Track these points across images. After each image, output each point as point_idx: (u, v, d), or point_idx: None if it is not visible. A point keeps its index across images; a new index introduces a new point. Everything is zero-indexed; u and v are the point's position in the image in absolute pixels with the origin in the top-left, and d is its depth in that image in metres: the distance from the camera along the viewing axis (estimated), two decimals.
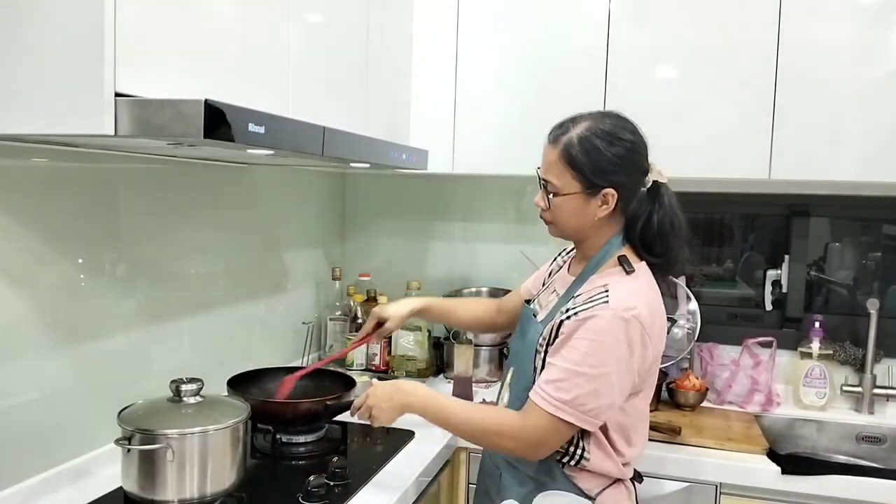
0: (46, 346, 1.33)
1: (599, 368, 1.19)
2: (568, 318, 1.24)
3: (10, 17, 1.01)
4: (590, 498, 1.30)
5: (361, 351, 2.21)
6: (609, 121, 1.29)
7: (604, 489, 1.31)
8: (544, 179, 1.31)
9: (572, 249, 1.46)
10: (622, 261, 1.28)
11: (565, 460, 1.29)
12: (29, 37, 1.00)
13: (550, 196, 1.30)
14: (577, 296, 1.28)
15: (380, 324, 1.66)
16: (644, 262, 1.31)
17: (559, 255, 1.55)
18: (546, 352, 1.28)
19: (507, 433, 1.26)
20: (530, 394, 1.25)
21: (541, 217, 1.37)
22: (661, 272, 1.33)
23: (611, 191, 1.26)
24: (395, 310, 1.65)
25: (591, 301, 1.23)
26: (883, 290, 2.20)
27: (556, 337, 1.26)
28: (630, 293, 1.22)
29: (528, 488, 1.33)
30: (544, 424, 1.22)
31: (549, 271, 1.54)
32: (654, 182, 1.30)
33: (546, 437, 1.23)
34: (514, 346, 1.47)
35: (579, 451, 1.28)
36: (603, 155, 1.25)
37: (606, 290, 1.22)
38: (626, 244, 1.32)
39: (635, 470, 1.41)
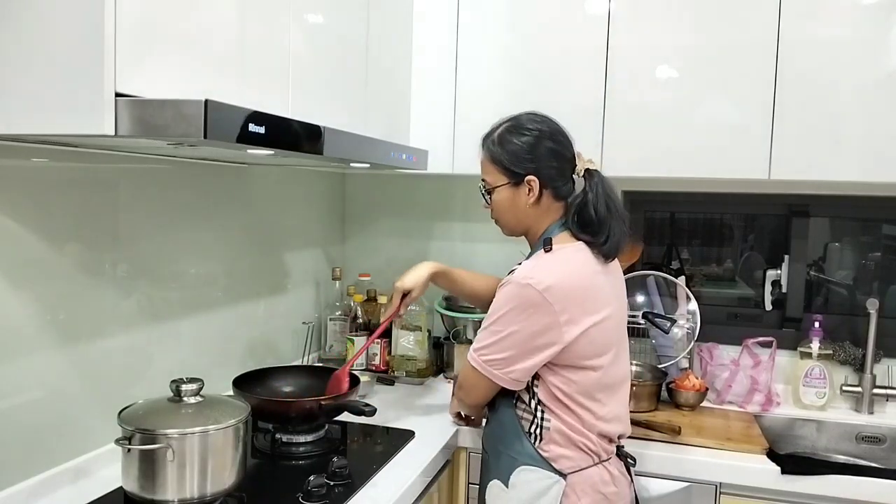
0: (46, 346, 1.33)
1: (498, 325, 1.36)
2: None
3: (10, 17, 1.01)
4: (561, 475, 1.37)
5: None
6: (521, 117, 1.45)
7: (578, 470, 1.38)
8: (481, 180, 1.49)
9: None
10: (544, 242, 1.41)
11: (532, 429, 1.40)
12: (29, 37, 1.00)
13: (487, 195, 1.47)
14: None
15: (404, 295, 1.71)
16: (580, 243, 1.42)
17: None
18: None
19: (457, 381, 1.49)
20: None
21: (492, 218, 1.52)
22: (604, 251, 1.42)
23: (531, 177, 1.41)
24: (414, 279, 1.70)
25: (508, 276, 1.40)
26: (883, 290, 2.20)
27: None
28: (534, 267, 1.37)
29: (507, 466, 1.42)
30: (466, 369, 1.43)
31: None
32: (587, 170, 1.43)
33: (464, 381, 1.45)
34: None
35: (539, 415, 1.39)
36: (515, 145, 1.42)
37: (519, 265, 1.40)
38: (564, 230, 1.44)
39: (623, 450, 1.48)
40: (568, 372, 1.37)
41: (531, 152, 1.40)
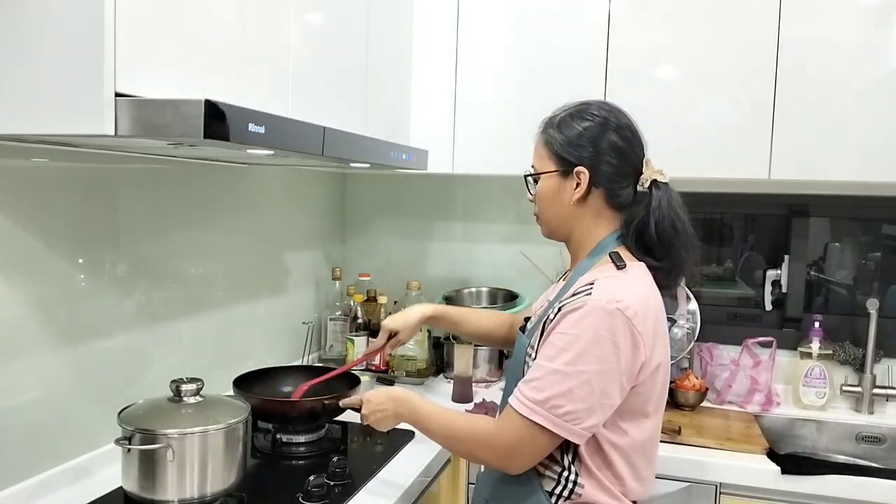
0: (46, 346, 1.33)
1: (576, 366, 1.08)
2: (554, 314, 1.16)
3: (11, 17, 1.01)
4: None
5: (361, 350, 2.21)
6: (591, 103, 1.27)
7: None
8: (531, 167, 1.31)
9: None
10: (613, 257, 1.19)
11: (557, 490, 1.17)
12: (29, 37, 1.00)
13: (532, 183, 1.29)
14: (565, 296, 1.19)
15: (391, 335, 1.59)
16: (642, 263, 1.22)
17: (563, 273, 1.46)
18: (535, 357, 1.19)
19: (479, 440, 1.17)
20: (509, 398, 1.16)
21: (534, 215, 1.33)
22: (665, 277, 1.23)
23: (582, 169, 1.20)
24: (404, 321, 1.57)
25: (575, 296, 1.14)
26: (882, 290, 2.20)
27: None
28: (617, 287, 1.12)
29: None
30: (516, 429, 1.11)
31: (553, 288, 1.42)
32: (654, 181, 1.22)
33: (518, 445, 1.12)
34: (508, 365, 1.43)
35: (571, 478, 1.16)
36: (572, 129, 1.23)
37: (592, 284, 1.14)
38: (620, 244, 1.24)
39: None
40: (626, 422, 1.15)
41: (588, 140, 1.20)
